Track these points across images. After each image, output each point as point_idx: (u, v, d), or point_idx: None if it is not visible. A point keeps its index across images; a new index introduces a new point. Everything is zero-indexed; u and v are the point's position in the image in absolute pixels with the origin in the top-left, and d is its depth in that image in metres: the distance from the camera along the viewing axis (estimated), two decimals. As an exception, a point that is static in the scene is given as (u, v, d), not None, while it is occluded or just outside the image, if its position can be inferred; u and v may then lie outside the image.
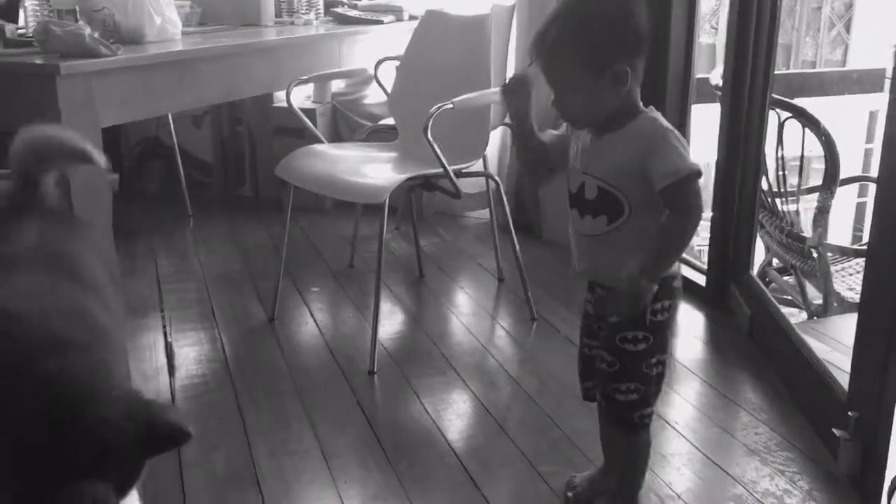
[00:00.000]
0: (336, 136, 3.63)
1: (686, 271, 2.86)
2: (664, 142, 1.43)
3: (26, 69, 1.93)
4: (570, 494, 1.73)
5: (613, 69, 1.41)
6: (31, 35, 2.09)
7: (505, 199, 2.63)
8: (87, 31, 1.99)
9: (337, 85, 3.68)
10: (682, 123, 2.93)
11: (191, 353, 2.38)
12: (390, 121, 2.92)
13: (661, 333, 1.52)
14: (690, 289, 2.79)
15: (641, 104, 1.49)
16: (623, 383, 1.54)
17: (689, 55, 2.87)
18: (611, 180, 1.47)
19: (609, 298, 1.49)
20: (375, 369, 2.27)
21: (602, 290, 1.56)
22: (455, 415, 2.07)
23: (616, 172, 1.47)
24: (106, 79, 2.01)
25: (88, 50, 1.96)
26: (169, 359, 2.33)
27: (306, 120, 2.64)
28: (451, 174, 2.26)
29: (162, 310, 2.66)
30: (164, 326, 2.54)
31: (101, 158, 1.68)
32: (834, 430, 1.78)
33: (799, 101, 2.71)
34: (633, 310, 1.48)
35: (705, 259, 2.88)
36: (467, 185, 2.75)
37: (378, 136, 2.90)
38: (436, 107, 2.18)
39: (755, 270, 2.70)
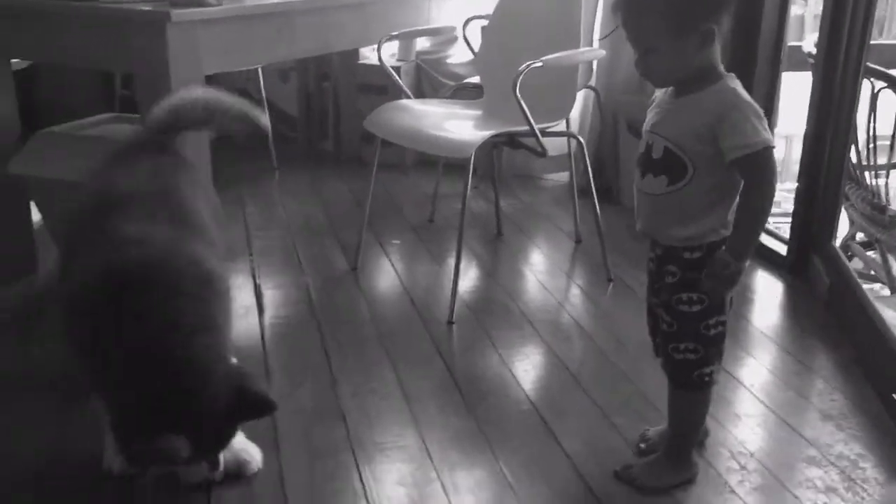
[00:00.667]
0: (419, 95, 3.68)
1: (767, 241, 2.85)
2: (740, 113, 1.44)
3: (137, 15, 2.02)
4: (642, 446, 1.77)
5: (699, 29, 1.42)
6: (141, -16, 2.19)
7: (587, 159, 2.65)
8: (195, -19, 2.08)
9: (421, 44, 3.72)
10: (772, 91, 2.89)
11: (278, 295, 2.49)
12: (474, 80, 2.95)
13: (717, 295, 1.54)
14: (771, 258, 2.78)
15: (722, 68, 1.50)
16: (681, 343, 1.58)
17: (783, 22, 2.82)
18: (679, 142, 1.49)
19: (706, 280, 1.51)
20: (454, 320, 2.33)
21: (660, 248, 1.59)
22: (531, 366, 2.13)
23: (685, 136, 1.48)
24: (210, 28, 2.10)
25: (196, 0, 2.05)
26: (258, 300, 2.44)
27: (395, 75, 2.70)
28: (538, 132, 2.29)
29: (250, 254, 2.78)
30: (253, 270, 2.65)
31: (266, 123, 1.82)
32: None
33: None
34: (729, 290, 1.52)
35: (787, 229, 2.85)
36: (548, 148, 2.77)
37: (462, 94, 2.94)
38: (525, 64, 2.21)
39: (838, 242, 2.67)
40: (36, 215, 2.59)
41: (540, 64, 2.22)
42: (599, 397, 1.97)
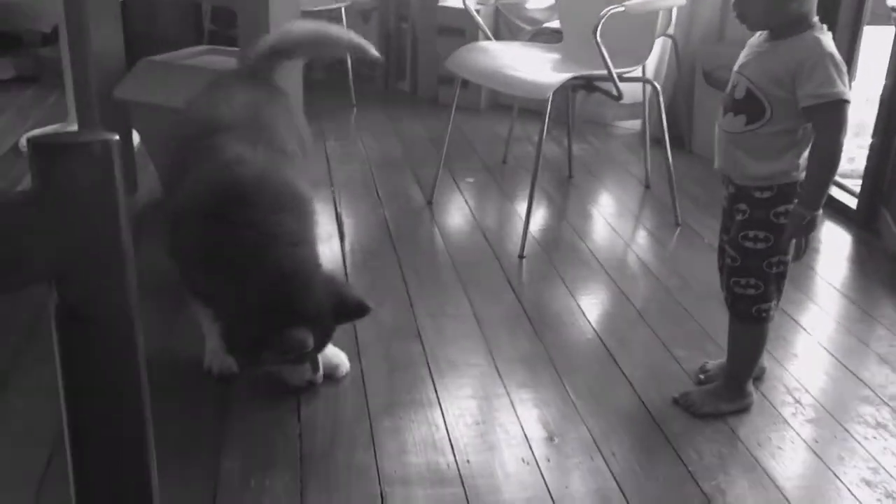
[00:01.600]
0: (498, 38, 3.73)
1: (838, 193, 2.87)
2: (821, 62, 1.50)
3: (241, -48, 2.15)
4: (701, 377, 1.88)
5: None
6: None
7: (662, 106, 2.71)
8: (295, -81, 2.18)
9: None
10: (853, 45, 2.88)
11: (358, 224, 2.63)
12: (552, 24, 3.01)
13: (782, 235, 1.62)
14: (841, 210, 2.81)
15: (816, 19, 1.56)
16: (743, 278, 1.67)
17: (868, -26, 2.80)
18: (761, 84, 1.57)
19: (786, 233, 1.60)
20: (524, 254, 2.45)
21: (734, 186, 1.67)
22: (597, 300, 2.23)
23: (767, 78, 1.56)
24: (308, -35, 2.21)
25: (296, -63, 2.16)
26: (339, 227, 2.59)
27: (477, 17, 2.78)
28: (615, 76, 2.36)
29: (332, 184, 2.92)
30: (335, 199, 2.80)
31: (375, 52, 1.97)
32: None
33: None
34: (807, 236, 1.61)
35: (858, 184, 2.87)
36: (623, 94, 2.83)
37: (541, 38, 3.00)
38: (607, 9, 2.27)
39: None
40: (136, 138, 2.78)
41: (622, 9, 2.28)
42: (662, 331, 2.07)
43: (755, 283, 1.67)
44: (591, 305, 2.20)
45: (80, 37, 2.55)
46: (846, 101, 1.51)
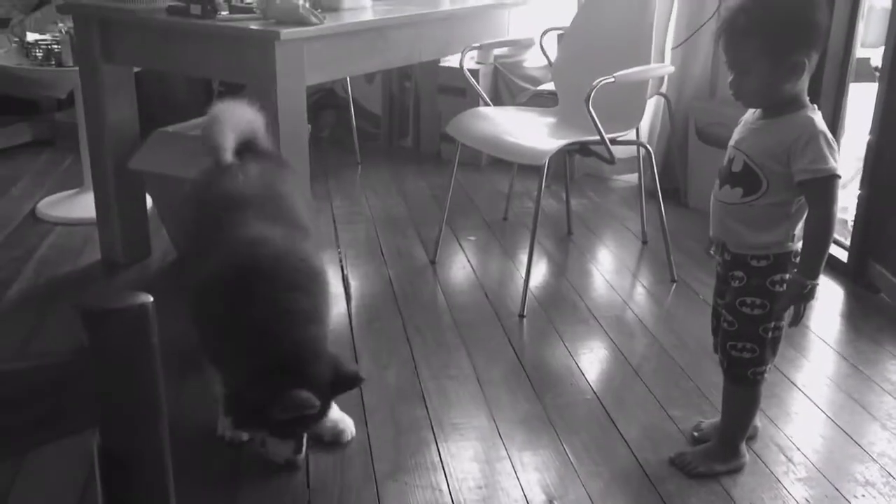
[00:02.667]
0: (496, 98, 3.87)
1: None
2: (814, 140, 1.61)
3: (251, 34, 2.26)
4: (695, 434, 1.94)
5: (792, 60, 1.59)
6: (252, 3, 2.43)
7: (654, 165, 2.81)
8: (300, 1, 2.30)
9: (500, 48, 3.90)
10: (839, 101, 2.98)
11: (364, 285, 2.72)
12: (549, 86, 3.12)
13: (777, 302, 1.70)
14: (831, 264, 2.88)
15: (807, 98, 1.67)
16: (739, 342, 1.75)
17: (852, 33, 2.91)
18: (758, 159, 1.67)
19: (782, 297, 1.68)
20: (525, 313, 2.53)
21: (729, 254, 1.75)
22: (595, 359, 2.31)
23: (764, 154, 1.66)
24: (313, 44, 2.33)
25: (301, 19, 2.27)
26: (346, 289, 2.67)
27: (476, 85, 2.90)
28: (608, 142, 2.46)
29: (338, 246, 3.02)
30: (341, 260, 2.89)
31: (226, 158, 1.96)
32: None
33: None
34: (805, 304, 1.68)
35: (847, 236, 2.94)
36: (618, 151, 2.93)
37: (538, 100, 3.12)
38: (598, 80, 2.38)
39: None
40: (149, 203, 2.88)
41: (612, 80, 2.38)
42: (658, 390, 2.14)
43: (751, 347, 1.74)
44: (589, 364, 2.27)
45: (95, 109, 2.67)
46: (837, 176, 1.61)
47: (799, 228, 1.68)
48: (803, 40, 1.60)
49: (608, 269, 2.91)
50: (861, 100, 2.99)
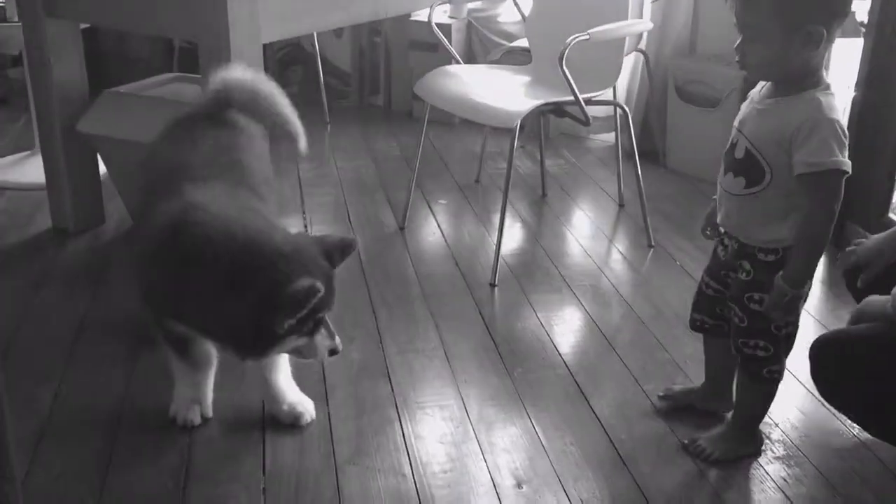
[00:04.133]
0: (470, 53, 3.72)
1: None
2: (818, 127, 1.42)
3: (200, -14, 2.11)
4: (660, 394, 1.88)
5: (808, 28, 1.39)
6: (203, -47, 2.27)
7: (632, 126, 2.69)
8: (254, -49, 2.15)
9: (472, 1, 3.74)
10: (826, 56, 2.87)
11: (329, 253, 2.60)
12: (523, 42, 2.99)
13: (764, 308, 1.57)
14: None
15: (824, 75, 1.47)
16: (751, 339, 1.62)
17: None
18: (760, 145, 1.49)
19: (766, 308, 1.56)
20: (496, 282, 2.43)
21: (735, 242, 1.61)
22: (568, 330, 2.22)
23: (767, 140, 1.48)
24: (268, -3, 2.18)
25: (256, -30, 2.12)
26: (310, 257, 2.56)
27: (446, 41, 2.76)
28: (582, 103, 2.34)
29: (303, 211, 2.89)
30: (306, 226, 2.77)
31: (304, 145, 1.93)
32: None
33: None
34: (789, 315, 1.56)
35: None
36: (595, 110, 2.82)
37: (511, 58, 2.98)
38: (572, 37, 2.25)
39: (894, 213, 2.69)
40: (102, 168, 2.74)
41: (586, 37, 2.26)
42: (633, 363, 2.06)
43: (764, 345, 1.62)
44: (562, 336, 2.18)
45: (40, 67, 2.51)
46: (843, 172, 1.43)
47: None
48: (824, 6, 1.40)
49: (583, 233, 2.81)
50: (845, 56, 2.89)
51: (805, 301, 1.60)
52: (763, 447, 1.77)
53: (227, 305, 1.50)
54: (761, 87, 1.56)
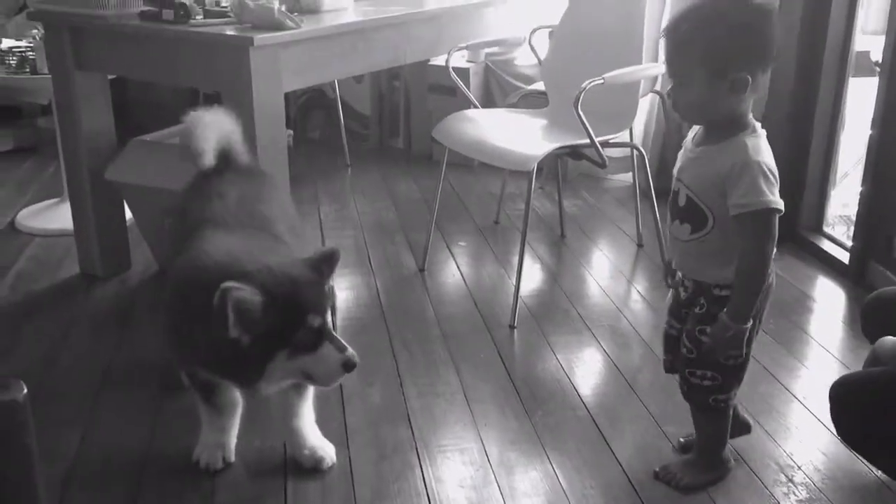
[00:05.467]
0: (487, 96, 3.78)
1: (828, 247, 2.87)
2: (748, 170, 1.46)
3: (223, 39, 2.17)
4: (682, 440, 1.90)
5: (733, 76, 1.45)
6: (227, 7, 2.34)
7: (648, 167, 2.72)
8: (276, 5, 2.21)
9: (489, 47, 3.80)
10: (839, 97, 2.89)
11: (350, 295, 2.63)
12: (540, 85, 3.03)
13: (705, 346, 1.61)
14: (832, 264, 2.80)
15: (752, 119, 1.52)
16: (699, 369, 1.65)
17: (850, 26, 2.82)
18: (698, 192, 1.54)
19: (709, 340, 1.59)
20: (515, 323, 2.44)
21: (691, 283, 1.65)
22: (588, 372, 2.22)
23: (704, 186, 1.53)
24: (290, 49, 2.24)
25: (277, 23, 2.18)
26: (332, 301, 2.58)
27: (465, 88, 2.80)
28: (598, 146, 2.37)
29: (324, 254, 2.93)
30: (327, 270, 2.80)
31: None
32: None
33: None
34: (731, 353, 1.59)
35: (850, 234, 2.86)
36: (612, 150, 2.85)
37: (528, 101, 3.02)
38: (587, 82, 2.29)
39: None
40: (128, 214, 2.80)
41: (601, 81, 2.29)
42: (653, 405, 2.06)
43: (711, 375, 1.65)
44: (582, 378, 2.19)
45: (69, 117, 2.59)
46: (775, 210, 1.48)
47: None
48: (749, 56, 1.46)
49: (602, 274, 2.82)
50: (861, 96, 2.91)
51: (755, 334, 1.63)
52: (786, 491, 1.75)
53: (209, 338, 1.51)
54: (693, 136, 1.61)
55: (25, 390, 0.42)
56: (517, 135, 2.58)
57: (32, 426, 0.43)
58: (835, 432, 1.92)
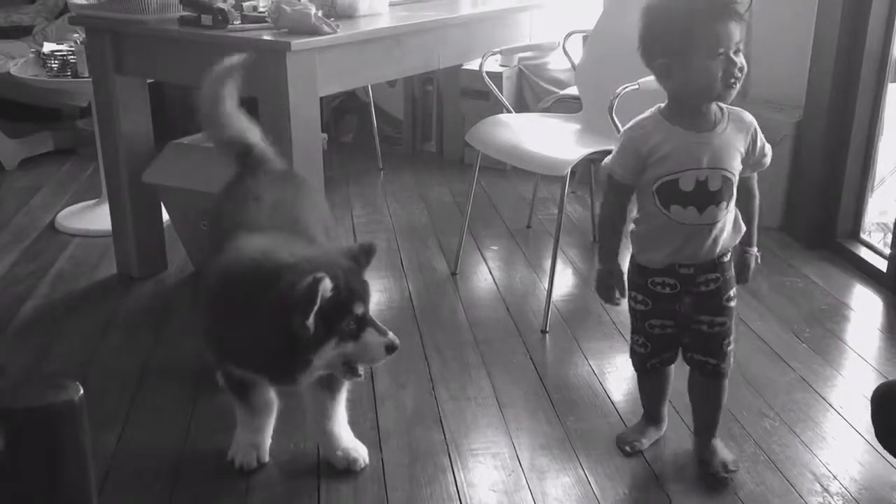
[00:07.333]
0: (520, 101, 3.78)
1: (865, 254, 2.83)
2: (758, 130, 1.71)
3: (261, 44, 2.20)
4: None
5: (655, 63, 1.64)
6: (264, 12, 2.37)
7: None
8: (313, 10, 2.24)
9: (523, 52, 3.80)
10: (877, 103, 2.85)
11: (382, 298, 2.65)
12: (574, 90, 3.02)
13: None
14: (869, 272, 2.76)
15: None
16: (730, 334, 1.77)
17: (889, 32, 2.78)
18: (729, 168, 1.66)
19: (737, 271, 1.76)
20: (547, 328, 2.44)
21: (688, 269, 1.72)
22: (621, 378, 2.21)
23: (732, 158, 1.66)
24: (326, 53, 2.26)
25: (313, 28, 2.21)
26: (364, 303, 2.60)
27: (498, 93, 2.81)
28: (633, 151, 2.35)
29: (357, 257, 2.95)
30: (359, 273, 2.82)
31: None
32: None
33: None
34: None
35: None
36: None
37: (562, 105, 3.02)
38: (621, 87, 2.28)
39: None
40: (165, 216, 2.84)
41: (636, 87, 2.28)
42: (685, 411, 2.04)
43: (722, 321, 1.76)
44: (615, 384, 2.18)
45: (109, 120, 2.63)
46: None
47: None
48: (664, 45, 1.61)
49: (635, 279, 2.80)
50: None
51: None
52: (821, 501, 1.74)
53: (257, 332, 1.54)
54: (685, 130, 1.69)
55: (81, 391, 0.43)
56: (550, 139, 2.58)
57: (88, 427, 0.45)
58: (872, 442, 1.89)
